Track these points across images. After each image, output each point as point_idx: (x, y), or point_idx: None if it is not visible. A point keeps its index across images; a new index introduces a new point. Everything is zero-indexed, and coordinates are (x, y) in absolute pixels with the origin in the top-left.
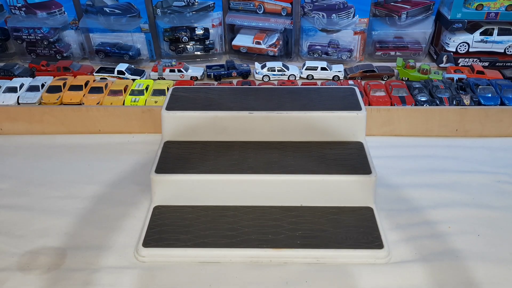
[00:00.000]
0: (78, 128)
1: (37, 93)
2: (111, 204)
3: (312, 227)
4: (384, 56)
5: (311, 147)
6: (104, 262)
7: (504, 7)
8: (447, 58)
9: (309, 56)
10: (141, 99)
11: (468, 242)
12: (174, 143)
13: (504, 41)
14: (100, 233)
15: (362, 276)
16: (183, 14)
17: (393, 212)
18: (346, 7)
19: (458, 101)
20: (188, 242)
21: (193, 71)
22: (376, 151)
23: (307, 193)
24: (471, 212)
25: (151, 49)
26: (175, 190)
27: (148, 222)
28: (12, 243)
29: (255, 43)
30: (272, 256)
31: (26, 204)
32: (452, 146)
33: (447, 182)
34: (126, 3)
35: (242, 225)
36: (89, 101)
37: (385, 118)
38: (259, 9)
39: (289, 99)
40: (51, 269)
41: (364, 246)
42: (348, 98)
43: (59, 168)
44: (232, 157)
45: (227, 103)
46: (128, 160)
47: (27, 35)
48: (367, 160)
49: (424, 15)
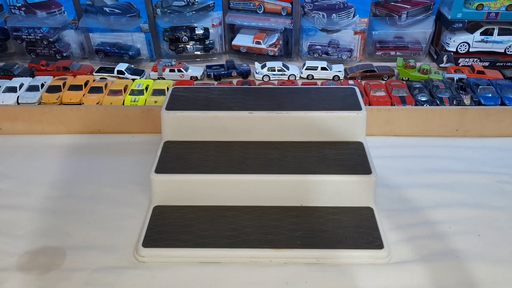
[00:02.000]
0: (77, 128)
1: (36, 93)
2: (111, 204)
3: (312, 227)
4: (384, 56)
5: (311, 147)
6: (104, 262)
7: (504, 7)
8: (447, 58)
9: (309, 56)
10: (141, 99)
11: (468, 242)
12: (174, 143)
13: (505, 41)
14: (100, 233)
15: (362, 276)
16: (183, 13)
17: (393, 212)
18: (346, 7)
19: (458, 101)
20: (188, 242)
21: (193, 71)
22: (376, 151)
23: (307, 193)
24: (471, 212)
25: (151, 49)
26: (175, 190)
27: (148, 222)
28: (12, 243)
29: (255, 43)
30: (272, 256)
31: (25, 204)
32: (452, 146)
33: (447, 182)
34: (126, 3)
35: (242, 225)
36: (88, 101)
37: (385, 118)
38: (259, 9)
39: (289, 99)
40: (50, 269)
41: (364, 246)
42: (348, 98)
43: (58, 168)
44: (232, 157)
45: (227, 103)
46: (128, 160)
47: (26, 35)
48: (367, 160)
49: (424, 15)
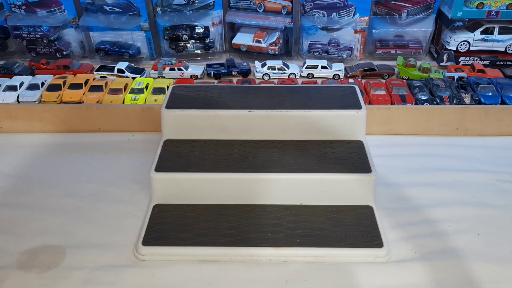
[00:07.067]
0: (78, 127)
1: (37, 91)
2: (110, 202)
3: (311, 225)
4: (384, 55)
5: (311, 145)
6: (104, 261)
7: (504, 6)
8: (447, 57)
9: (309, 54)
10: (141, 98)
11: (468, 241)
12: (174, 142)
13: (505, 40)
14: (100, 232)
15: (361, 274)
16: (183, 12)
17: (393, 210)
18: (346, 5)
19: (458, 100)
20: (188, 240)
21: (193, 69)
22: (376, 150)
23: (307, 191)
24: (471, 211)
25: (151, 47)
26: (174, 189)
27: (148, 221)
28: (12, 242)
29: (255, 42)
30: (271, 255)
31: (25, 202)
32: (453, 145)
33: (447, 180)
34: (126, 2)
35: (241, 224)
36: (89, 99)
37: (385, 116)
38: (259, 7)
39: (289, 98)
40: (50, 267)
41: (364, 245)
42: (348, 96)
43: (58, 167)
44: (232, 155)
45: (227, 101)
46: (127, 158)
47: (27, 34)
48: (367, 158)
49: (425, 14)
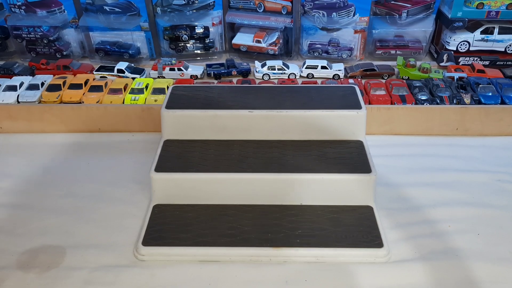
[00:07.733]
0: (77, 127)
1: (37, 91)
2: (110, 202)
3: (312, 226)
4: (384, 55)
5: (311, 146)
6: (104, 261)
7: (504, 6)
8: (447, 57)
9: (309, 54)
10: (140, 98)
11: (468, 241)
12: (174, 142)
13: (505, 40)
14: (100, 232)
15: (361, 275)
16: (183, 12)
17: (393, 211)
18: (346, 5)
19: (458, 100)
20: (188, 241)
21: (193, 69)
22: (376, 150)
23: (307, 192)
24: (471, 211)
25: (151, 47)
26: (174, 189)
27: (148, 221)
28: (12, 242)
29: (255, 42)
30: (271, 255)
31: (25, 202)
32: (453, 145)
33: (447, 181)
34: (126, 2)
35: (241, 224)
36: (88, 99)
37: (385, 117)
38: (259, 7)
39: (289, 98)
40: (50, 267)
41: (364, 245)
42: (348, 97)
43: (58, 167)
44: (232, 155)
45: (227, 101)
46: (127, 158)
47: (27, 34)
48: (367, 159)
49: (425, 14)
